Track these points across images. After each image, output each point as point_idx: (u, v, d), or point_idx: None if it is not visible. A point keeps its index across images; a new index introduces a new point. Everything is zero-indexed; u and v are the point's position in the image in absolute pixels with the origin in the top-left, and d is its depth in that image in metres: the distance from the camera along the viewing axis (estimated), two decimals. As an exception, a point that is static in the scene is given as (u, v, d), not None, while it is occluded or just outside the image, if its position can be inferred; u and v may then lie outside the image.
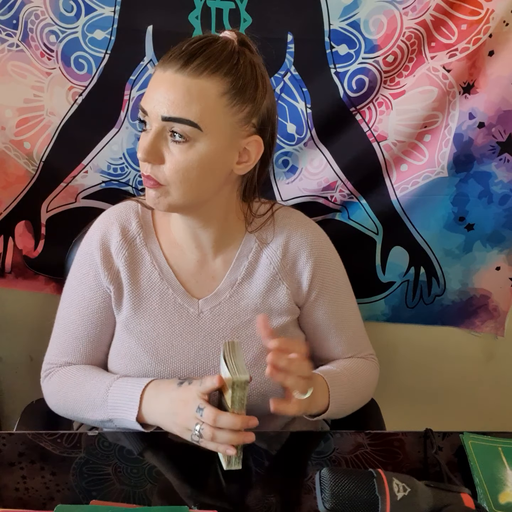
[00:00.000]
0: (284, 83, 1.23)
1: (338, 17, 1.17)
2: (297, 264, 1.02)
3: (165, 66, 0.84)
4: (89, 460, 0.85)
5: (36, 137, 1.26)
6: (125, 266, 0.99)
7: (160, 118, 0.83)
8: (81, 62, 1.20)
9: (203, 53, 0.84)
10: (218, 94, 0.84)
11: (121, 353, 1.00)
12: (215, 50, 0.85)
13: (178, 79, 0.83)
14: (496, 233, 1.36)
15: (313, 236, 1.04)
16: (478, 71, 1.21)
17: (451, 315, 1.47)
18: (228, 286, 1.00)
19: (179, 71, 0.83)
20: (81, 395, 0.97)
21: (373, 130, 1.26)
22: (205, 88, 0.83)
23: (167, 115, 0.83)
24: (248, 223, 1.00)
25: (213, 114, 0.84)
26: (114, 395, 0.92)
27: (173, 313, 0.99)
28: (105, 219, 1.03)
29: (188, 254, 1.00)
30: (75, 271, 1.04)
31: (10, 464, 0.83)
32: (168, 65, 0.84)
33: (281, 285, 1.02)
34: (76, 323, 1.02)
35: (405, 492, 0.68)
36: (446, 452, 0.91)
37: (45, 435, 0.89)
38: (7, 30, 1.18)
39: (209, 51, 0.84)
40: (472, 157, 1.29)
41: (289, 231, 1.02)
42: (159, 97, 0.83)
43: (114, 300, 1.00)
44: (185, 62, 0.83)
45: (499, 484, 0.83)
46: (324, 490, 0.69)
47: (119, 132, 1.27)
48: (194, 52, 0.83)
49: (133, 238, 1.00)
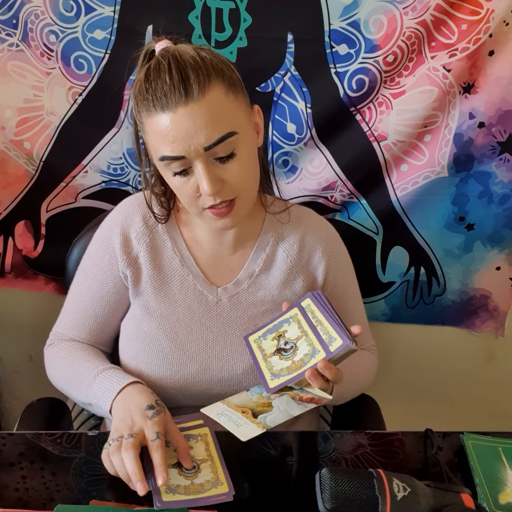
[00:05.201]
0: (284, 83, 1.23)
1: (338, 17, 1.17)
2: (313, 259, 1.05)
3: (168, 106, 0.82)
4: (89, 460, 0.85)
5: (36, 137, 1.26)
6: (147, 252, 1.00)
7: (203, 150, 0.83)
8: (81, 62, 1.20)
9: (188, 73, 0.82)
10: (224, 95, 0.85)
11: (139, 336, 1.01)
12: (190, 64, 0.83)
13: (194, 107, 0.82)
14: (496, 233, 1.37)
15: (328, 233, 1.08)
16: (478, 71, 1.21)
17: (451, 315, 1.47)
18: (246, 277, 1.03)
19: (189, 101, 0.82)
20: (73, 372, 0.99)
21: (373, 130, 1.26)
22: (215, 98, 0.84)
23: (208, 144, 0.83)
24: (266, 208, 1.04)
25: (233, 114, 0.86)
26: (99, 382, 0.93)
27: (193, 299, 1.01)
28: (128, 204, 1.04)
29: (208, 250, 1.03)
30: (92, 252, 1.05)
31: (10, 464, 0.83)
32: (171, 104, 0.82)
33: (297, 278, 1.04)
34: (85, 302, 1.04)
35: (405, 492, 0.68)
36: (446, 452, 0.91)
37: (45, 435, 0.89)
38: (7, 30, 1.18)
39: (189, 69, 0.83)
40: (472, 157, 1.29)
41: (305, 227, 1.05)
42: (190, 134, 0.82)
43: (131, 285, 1.01)
44: (186, 90, 0.82)
45: (499, 484, 0.83)
46: (324, 490, 0.69)
47: (119, 132, 1.27)
48: (184, 77, 0.82)
49: (155, 224, 1.02)
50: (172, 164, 0.86)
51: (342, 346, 0.82)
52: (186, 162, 0.85)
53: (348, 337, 0.82)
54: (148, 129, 0.87)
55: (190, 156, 0.84)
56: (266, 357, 0.91)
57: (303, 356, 0.86)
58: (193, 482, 0.79)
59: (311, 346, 0.86)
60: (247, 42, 1.19)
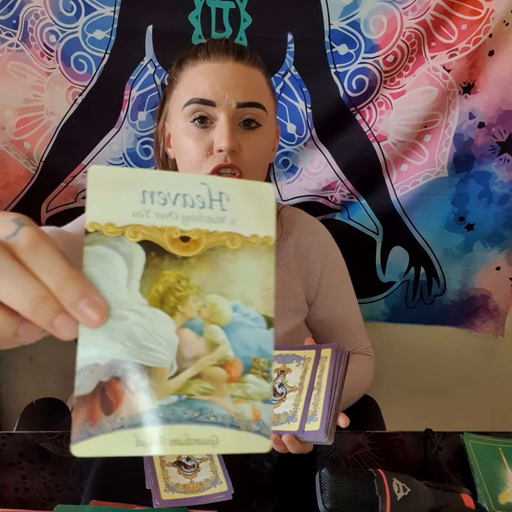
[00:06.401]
0: (284, 83, 1.23)
1: (338, 17, 1.17)
2: (307, 263, 1.04)
3: (217, 57, 0.85)
4: (89, 460, 0.85)
5: (36, 137, 1.26)
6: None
7: (235, 105, 0.84)
8: (81, 62, 1.20)
9: (245, 48, 0.88)
10: (266, 82, 0.89)
11: None
12: (246, 47, 0.89)
13: (241, 68, 0.85)
14: (496, 233, 1.37)
15: (321, 235, 1.07)
16: (478, 71, 1.21)
17: (451, 315, 1.47)
18: None
19: (238, 61, 0.85)
20: None
21: (373, 130, 1.26)
22: (260, 76, 0.88)
23: (243, 101, 0.84)
24: None
25: (269, 101, 0.89)
26: None
27: None
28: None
29: None
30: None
31: (10, 464, 0.83)
32: (222, 56, 0.85)
33: (294, 284, 1.03)
34: None
35: (405, 492, 0.68)
36: (446, 452, 0.91)
37: (45, 435, 0.89)
38: (7, 30, 1.18)
39: (244, 47, 0.89)
40: (472, 157, 1.29)
41: (298, 231, 1.04)
42: (229, 85, 0.83)
43: None
44: (239, 53, 0.86)
45: (499, 484, 0.83)
46: (324, 490, 0.69)
47: (119, 132, 1.26)
48: (239, 47, 0.87)
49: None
50: (196, 113, 0.85)
51: (314, 433, 0.76)
52: (211, 114, 0.85)
53: (325, 429, 0.76)
54: (185, 79, 0.87)
55: (220, 106, 0.83)
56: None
57: (282, 413, 0.80)
58: (192, 480, 0.79)
59: (294, 408, 0.80)
60: (247, 42, 1.19)
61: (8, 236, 0.35)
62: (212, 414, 0.38)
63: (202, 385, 0.39)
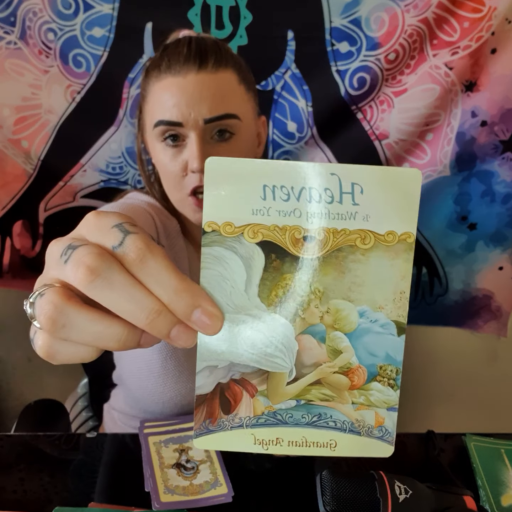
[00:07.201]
0: (285, 81, 1.22)
1: (339, 15, 1.16)
2: None
3: (178, 70, 0.80)
4: (87, 462, 0.84)
5: (34, 136, 1.25)
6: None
7: (202, 122, 0.80)
8: (79, 60, 1.20)
9: (209, 49, 0.82)
10: (237, 83, 0.83)
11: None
12: (211, 44, 0.83)
13: (205, 78, 0.80)
14: (499, 232, 1.36)
15: None
16: (481, 69, 1.20)
17: (453, 316, 1.46)
18: None
19: (202, 69, 0.80)
20: None
21: (374, 128, 1.25)
22: (227, 78, 0.82)
23: (210, 116, 0.80)
24: None
25: (242, 102, 0.84)
26: None
27: None
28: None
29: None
30: None
31: (7, 466, 0.83)
32: (183, 68, 0.80)
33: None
34: None
35: (407, 494, 0.68)
36: (448, 454, 0.90)
37: (43, 437, 0.88)
38: (4, 28, 1.17)
39: (209, 47, 0.83)
40: (475, 156, 1.28)
41: None
42: (194, 101, 0.80)
43: None
44: (202, 59, 0.80)
45: (502, 486, 0.83)
46: (324, 492, 0.68)
47: (118, 131, 1.26)
48: (202, 50, 0.81)
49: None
50: (166, 133, 0.83)
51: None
52: (181, 133, 0.82)
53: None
54: (152, 94, 0.84)
55: (188, 125, 0.81)
56: None
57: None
58: (192, 482, 0.78)
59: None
60: (247, 39, 1.18)
61: (114, 247, 0.35)
62: (332, 419, 0.39)
63: (321, 391, 0.39)
